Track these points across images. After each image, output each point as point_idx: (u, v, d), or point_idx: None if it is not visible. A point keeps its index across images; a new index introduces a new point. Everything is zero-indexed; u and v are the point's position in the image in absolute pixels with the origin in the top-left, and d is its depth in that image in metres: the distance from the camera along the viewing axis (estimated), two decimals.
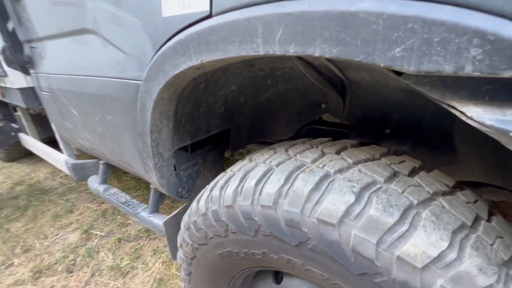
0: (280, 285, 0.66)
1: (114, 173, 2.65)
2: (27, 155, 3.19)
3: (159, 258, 1.62)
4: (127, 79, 0.73)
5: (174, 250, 0.97)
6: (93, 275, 1.55)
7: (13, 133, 2.12)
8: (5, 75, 1.32)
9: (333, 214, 0.43)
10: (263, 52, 0.39)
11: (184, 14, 0.49)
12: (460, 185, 0.54)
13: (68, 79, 1.03)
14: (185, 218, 0.73)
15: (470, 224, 0.42)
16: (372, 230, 0.41)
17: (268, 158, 0.61)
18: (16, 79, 1.30)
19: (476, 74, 0.26)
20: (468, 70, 0.26)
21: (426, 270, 0.38)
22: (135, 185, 2.41)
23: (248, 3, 0.40)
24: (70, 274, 1.56)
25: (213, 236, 0.62)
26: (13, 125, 2.13)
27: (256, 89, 0.89)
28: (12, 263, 1.66)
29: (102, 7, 0.69)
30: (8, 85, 1.38)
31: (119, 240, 1.78)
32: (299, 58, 0.68)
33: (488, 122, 0.27)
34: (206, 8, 0.45)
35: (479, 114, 0.28)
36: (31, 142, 1.93)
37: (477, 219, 0.45)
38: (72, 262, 1.64)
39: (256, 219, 0.52)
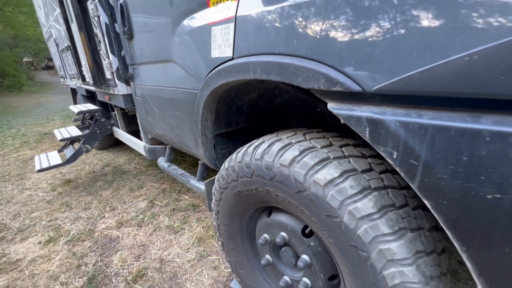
0: (270, 217, 1.05)
1: (172, 162, 3.32)
2: (111, 145, 4.16)
3: (201, 224, 2.12)
4: (190, 89, 1.24)
5: (210, 203, 1.44)
6: (154, 230, 2.12)
7: (109, 127, 2.93)
8: (115, 85, 2.01)
9: (286, 160, 0.82)
10: (254, 78, 0.82)
11: (221, 56, 0.96)
12: (376, 156, 0.86)
13: (154, 88, 1.61)
14: (217, 175, 1.18)
15: (360, 170, 0.77)
16: (303, 168, 0.78)
17: (266, 137, 1.02)
18: (121, 88, 1.98)
19: (325, 89, 0.65)
20: (323, 87, 0.65)
21: (325, 187, 0.74)
22: (189, 171, 3.02)
23: (247, 54, 0.84)
24: (140, 228, 2.17)
25: (231, 181, 1.05)
26: (110, 121, 2.96)
27: (269, 97, 1.31)
28: (104, 216, 2.36)
29: (180, 49, 1.21)
30: (115, 92, 2.07)
31: (173, 209, 2.36)
32: None
33: (329, 108, 0.65)
34: (230, 55, 0.91)
35: (329, 105, 0.66)
36: (121, 133, 2.68)
37: (370, 169, 0.78)
38: (141, 220, 2.25)
39: (252, 167, 0.94)
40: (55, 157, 2.83)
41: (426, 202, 0.55)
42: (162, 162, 2.01)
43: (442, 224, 0.54)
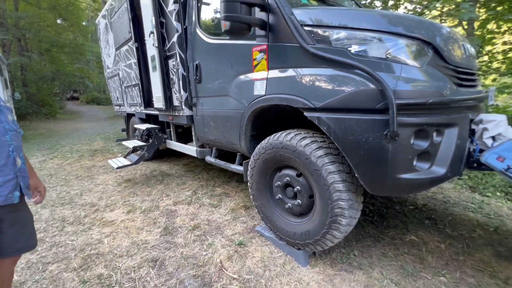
0: (281, 172, 2.08)
1: (204, 168, 4.39)
2: (154, 158, 5.28)
3: (233, 201, 3.12)
4: (239, 110, 2.36)
5: (245, 174, 2.47)
6: (200, 206, 3.12)
7: (163, 140, 4.08)
8: (181, 109, 3.18)
9: (288, 138, 1.89)
10: (274, 104, 1.93)
11: (259, 94, 2.09)
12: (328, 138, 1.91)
13: (213, 111, 2.76)
14: (253, 153, 2.24)
15: (319, 141, 1.82)
16: (296, 140, 1.85)
17: (279, 132, 2.09)
18: (186, 111, 3.15)
19: (302, 107, 1.75)
20: (302, 106, 1.75)
21: (304, 147, 1.79)
22: (218, 174, 4.06)
23: (272, 93, 1.96)
24: (189, 205, 3.17)
25: (261, 154, 2.11)
26: (163, 135, 4.11)
27: (285, 113, 2.42)
28: (162, 199, 3.38)
29: (235, 90, 2.37)
30: (180, 114, 3.24)
31: (211, 195, 3.37)
32: None
33: (304, 114, 1.74)
34: (264, 93, 2.04)
35: (305, 113, 1.75)
36: (174, 143, 3.81)
37: (324, 141, 1.84)
38: (190, 201, 3.26)
39: (272, 144, 2.00)
40: (123, 160, 3.95)
41: (336, 143, 1.61)
42: (210, 158, 3.09)
43: (341, 150, 1.59)
